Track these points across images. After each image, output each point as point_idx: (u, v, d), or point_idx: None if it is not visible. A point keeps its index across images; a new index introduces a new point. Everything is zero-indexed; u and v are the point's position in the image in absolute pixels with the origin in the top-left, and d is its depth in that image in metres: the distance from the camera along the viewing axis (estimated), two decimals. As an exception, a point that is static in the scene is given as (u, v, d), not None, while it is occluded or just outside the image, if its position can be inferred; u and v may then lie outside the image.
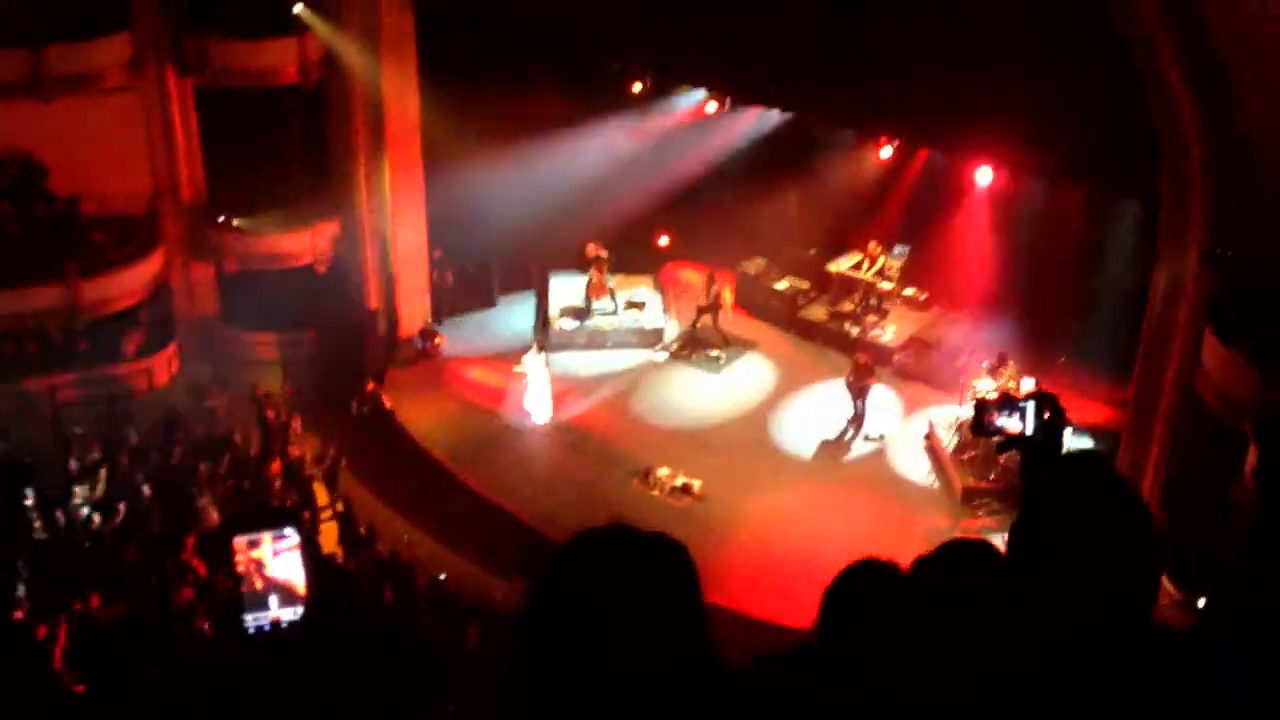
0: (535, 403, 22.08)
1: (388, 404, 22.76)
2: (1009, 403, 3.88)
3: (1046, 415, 3.77)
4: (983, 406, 3.96)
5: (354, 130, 23.41)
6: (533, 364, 21.89)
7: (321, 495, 20.57)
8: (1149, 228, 18.34)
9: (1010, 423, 3.86)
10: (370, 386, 22.89)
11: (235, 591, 3.91)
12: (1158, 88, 16.21)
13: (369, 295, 24.21)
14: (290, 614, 3.89)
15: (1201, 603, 15.94)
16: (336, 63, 22.86)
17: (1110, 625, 2.64)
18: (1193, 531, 15.76)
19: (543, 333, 24.78)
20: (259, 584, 3.86)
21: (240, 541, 3.83)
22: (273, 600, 3.86)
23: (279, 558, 3.84)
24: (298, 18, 22.30)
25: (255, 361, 23.82)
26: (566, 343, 24.55)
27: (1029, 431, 3.82)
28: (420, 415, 22.65)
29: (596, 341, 24.63)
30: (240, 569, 3.85)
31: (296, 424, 21.74)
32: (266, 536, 3.80)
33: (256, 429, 21.39)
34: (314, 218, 23.72)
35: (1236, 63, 15.39)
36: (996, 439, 3.91)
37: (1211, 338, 16.14)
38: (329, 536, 19.14)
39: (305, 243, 23.77)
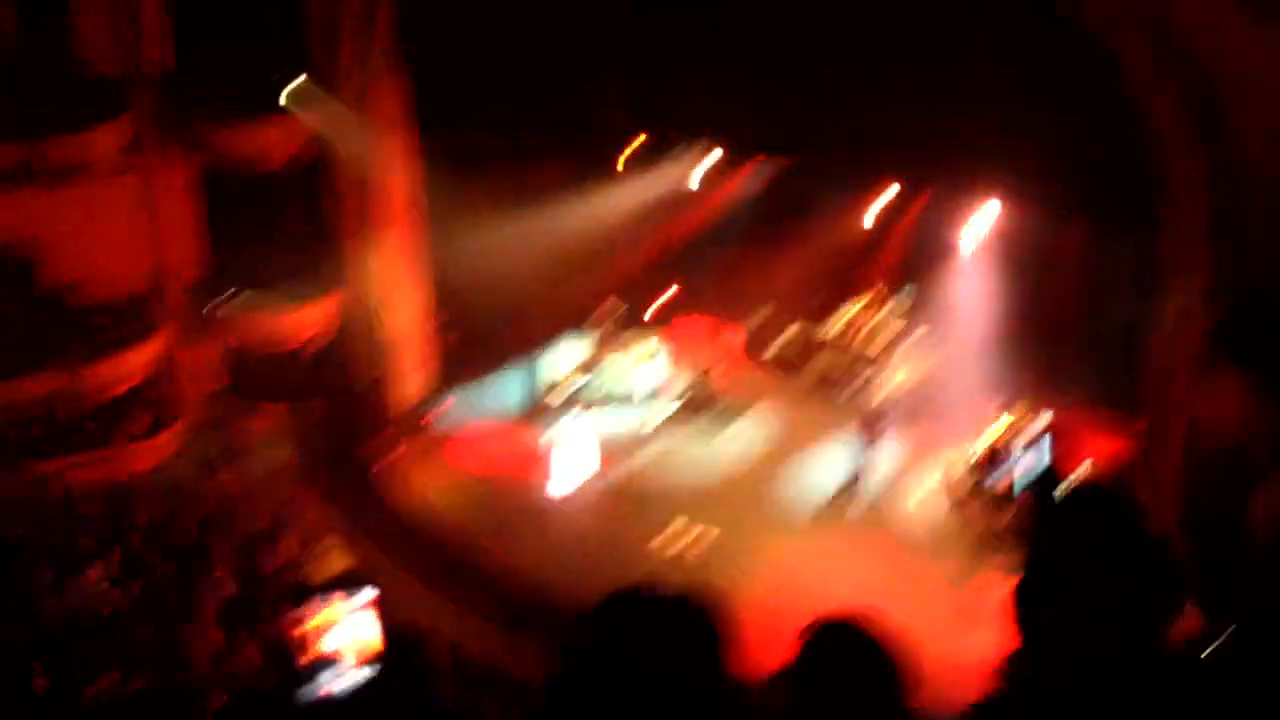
0: (566, 471, 21.78)
1: (395, 459, 22.75)
2: (1018, 445, 3.83)
3: (1054, 453, 3.71)
4: (994, 451, 3.91)
5: (353, 204, 23.53)
6: (565, 430, 21.69)
7: (336, 564, 20.49)
8: (1153, 259, 18.29)
9: (1026, 458, 3.81)
10: (379, 443, 22.98)
11: (297, 658, 3.84)
12: (1156, 127, 16.23)
13: (372, 366, 24.22)
14: (361, 675, 3.82)
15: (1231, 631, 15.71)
16: (333, 140, 22.99)
17: (1131, 658, 2.57)
18: (1216, 560, 15.57)
19: (550, 394, 24.79)
20: (322, 650, 3.80)
21: (308, 609, 3.76)
22: (343, 663, 3.80)
23: (347, 622, 3.78)
24: (295, 95, 22.46)
25: (263, 435, 23.81)
26: (573, 402, 24.53)
27: (1045, 465, 3.77)
28: (427, 482, 22.59)
29: (604, 399, 24.56)
30: (305, 637, 3.78)
31: (304, 494, 21.69)
32: (337, 601, 3.75)
33: (266, 502, 21.35)
34: (315, 293, 23.80)
35: (1234, 101, 15.43)
36: (1019, 477, 3.85)
37: (1222, 369, 16.04)
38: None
39: (307, 318, 23.84)
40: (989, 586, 19.16)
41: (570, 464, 21.67)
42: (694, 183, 26.96)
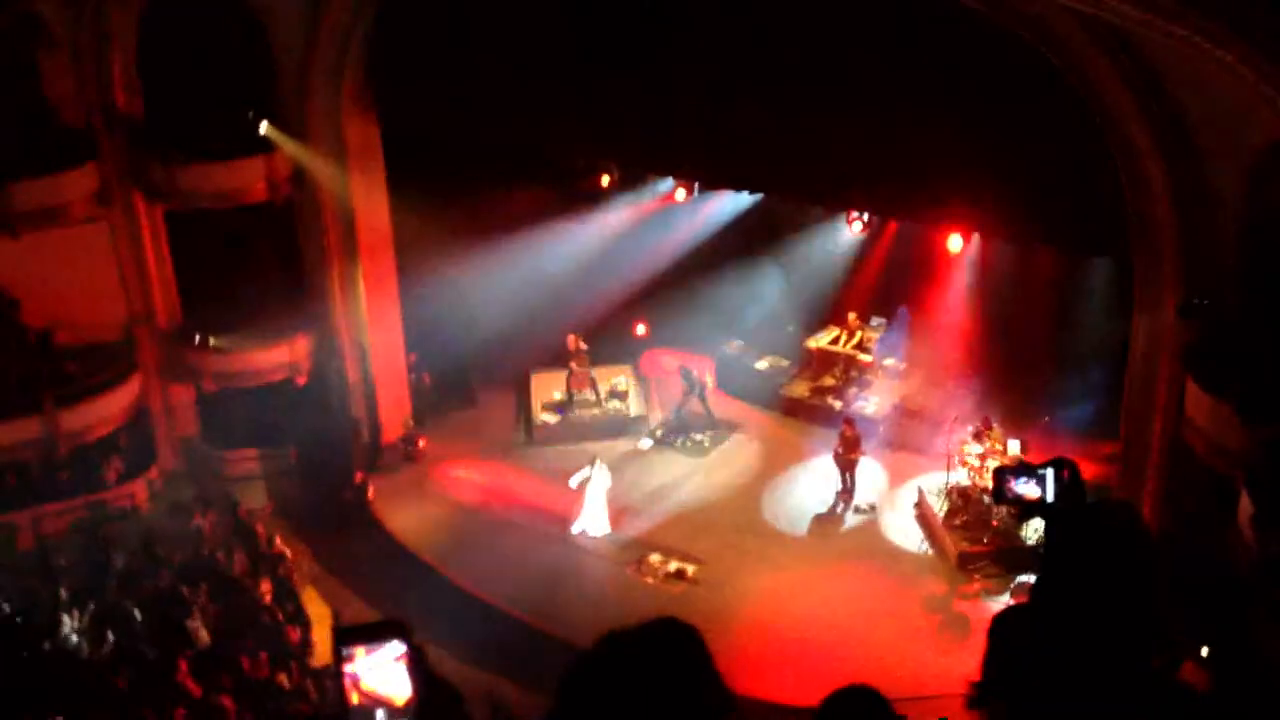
0: (592, 517, 21.61)
1: (371, 495, 22.74)
2: (1027, 469, 3.89)
3: (1066, 479, 3.77)
4: (1001, 474, 3.97)
5: (326, 242, 23.49)
6: (591, 477, 21.52)
7: (313, 607, 20.36)
8: (1124, 283, 18.50)
9: (1029, 489, 3.86)
10: (359, 478, 22.95)
11: (341, 705, 3.82)
12: (1124, 150, 16.45)
13: (349, 404, 24.15)
14: None
15: (1205, 651, 15.85)
16: (305, 177, 23.00)
17: (1145, 679, 2.63)
18: (1192, 581, 15.71)
19: (526, 429, 24.83)
20: (356, 698, 3.78)
21: (348, 655, 3.74)
22: (379, 714, 3.78)
23: (377, 672, 3.75)
24: (264, 137, 22.48)
25: (238, 479, 23.67)
26: (550, 437, 24.56)
27: (1049, 498, 3.82)
28: (407, 518, 22.52)
29: (580, 434, 24.58)
30: (347, 682, 3.76)
31: (280, 540, 21.52)
32: (360, 650, 3.73)
33: (241, 547, 21.18)
34: (290, 331, 23.70)
35: (1201, 123, 15.67)
36: (1016, 507, 3.91)
37: (1194, 388, 16.21)
38: (323, 648, 18.88)
39: (283, 357, 23.71)
40: (966, 609, 19.31)
41: (596, 507, 21.49)
42: (662, 217, 27.08)
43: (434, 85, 21.97)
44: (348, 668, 3.67)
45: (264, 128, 22.35)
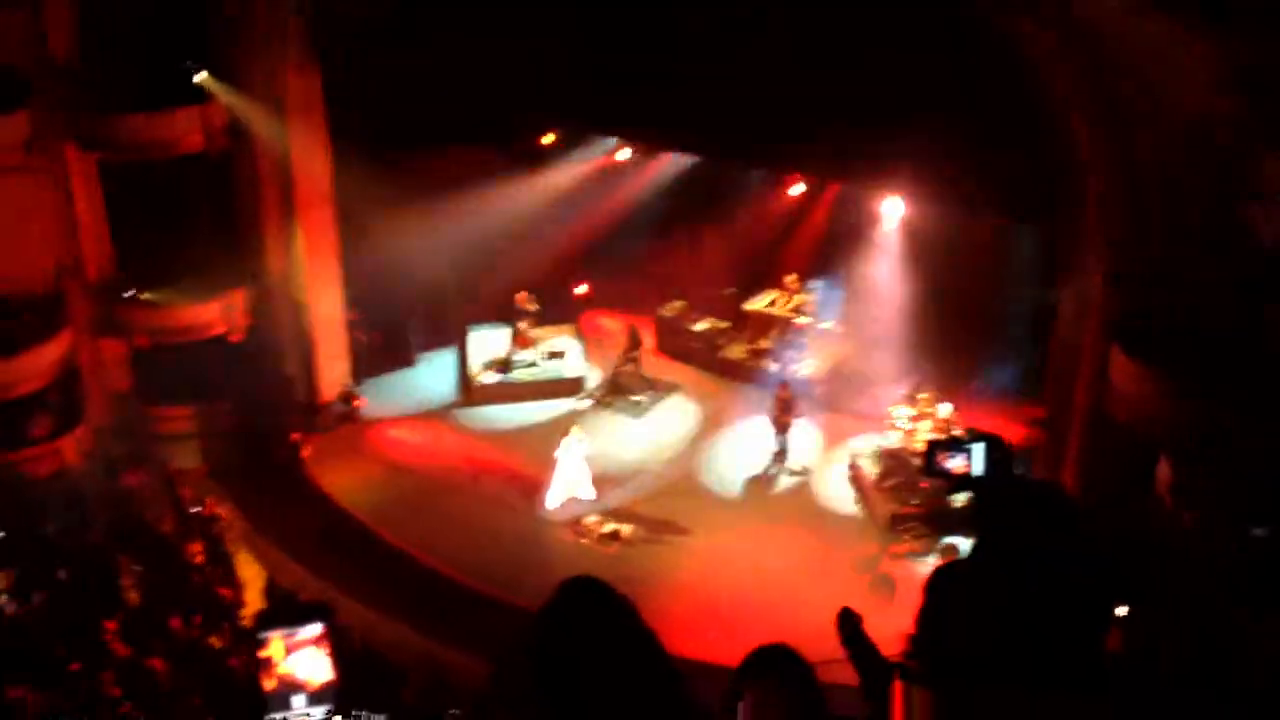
0: (571, 486, 21.23)
1: (306, 454, 22.66)
2: (957, 444, 3.95)
3: (995, 456, 3.83)
4: (932, 449, 4.03)
5: (263, 197, 23.20)
6: (570, 448, 21.18)
7: (246, 569, 20.27)
8: (1055, 252, 18.73)
9: (958, 464, 3.93)
10: (295, 437, 22.85)
11: (257, 690, 3.82)
12: (1055, 118, 16.61)
13: (287, 362, 23.95)
14: (316, 713, 3.79)
15: (1121, 611, 16.19)
16: (242, 130, 22.67)
17: (1073, 657, 2.69)
18: (1109, 544, 16.02)
19: (465, 389, 24.78)
20: (273, 683, 3.77)
21: (267, 635, 3.74)
22: (296, 700, 3.78)
23: (297, 653, 3.75)
24: (200, 86, 22.11)
25: (171, 437, 23.38)
26: (488, 396, 24.54)
27: (977, 472, 3.88)
28: (344, 478, 22.43)
29: (519, 393, 24.59)
30: (265, 663, 3.76)
31: (212, 501, 21.35)
32: (279, 634, 3.72)
33: (172, 507, 20.99)
34: (226, 287, 23.40)
35: (1129, 93, 15.83)
36: (946, 480, 3.97)
37: (1119, 356, 16.48)
38: (255, 608, 18.83)
39: (218, 313, 23.41)
40: (895, 569, 19.58)
41: (566, 482, 21.19)
42: (604, 178, 27.01)
43: (377, 41, 21.69)
44: (263, 652, 3.66)
45: (200, 77, 21.99)
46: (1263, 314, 13.25)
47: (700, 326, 25.72)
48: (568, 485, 21.10)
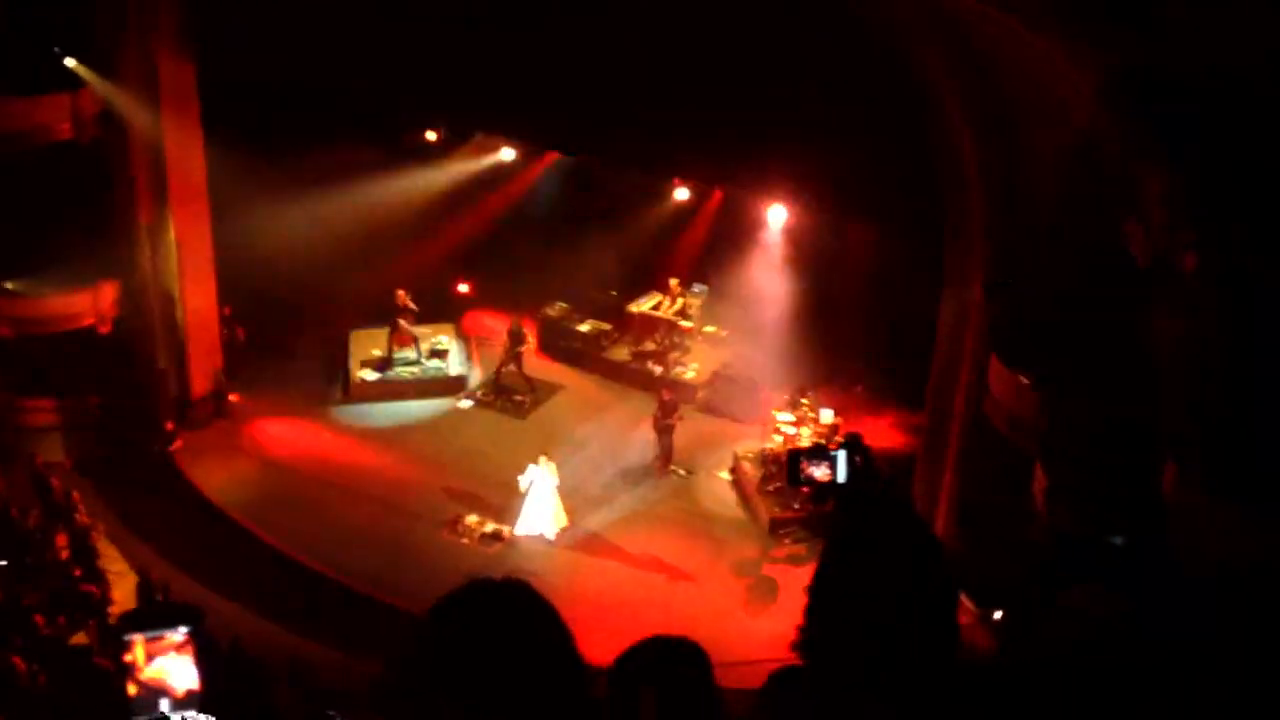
0: (538, 516, 20.33)
1: (177, 448, 22.12)
2: (820, 452, 3.93)
3: (858, 462, 3.83)
4: (795, 457, 4.01)
5: (135, 187, 22.52)
6: (536, 474, 20.28)
7: (112, 564, 19.66)
8: (937, 260, 19.08)
9: (821, 471, 3.91)
10: (166, 430, 22.28)
11: (120, 695, 3.62)
12: (940, 128, 16.90)
13: (157, 355, 23.29)
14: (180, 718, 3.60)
15: (998, 616, 16.54)
16: (114, 118, 21.98)
17: (913, 665, 2.69)
18: (987, 549, 16.38)
19: (344, 386, 24.39)
20: (136, 688, 3.57)
21: (131, 638, 3.54)
22: (163, 704, 3.58)
23: (162, 658, 3.56)
24: (71, 72, 21.37)
25: (36, 429, 22.58)
26: (368, 395, 24.19)
27: (840, 479, 3.87)
28: (216, 474, 21.90)
29: (399, 392, 24.29)
30: (124, 670, 3.56)
31: (78, 495, 20.66)
32: (138, 638, 3.52)
33: (37, 501, 20.28)
34: (95, 278, 22.68)
35: (1014, 104, 16.16)
36: (810, 488, 3.96)
37: (997, 364, 16.82)
38: (124, 607, 18.26)
39: (86, 304, 22.65)
40: (776, 573, 19.77)
41: (546, 506, 20.34)
42: (488, 177, 26.84)
43: (254, 30, 21.21)
44: (126, 656, 3.47)
45: (70, 63, 21.26)
46: (1137, 327, 13.61)
47: (584, 327, 25.67)
48: (536, 516, 20.33)
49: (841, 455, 3.85)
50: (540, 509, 20.20)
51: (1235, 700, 3.46)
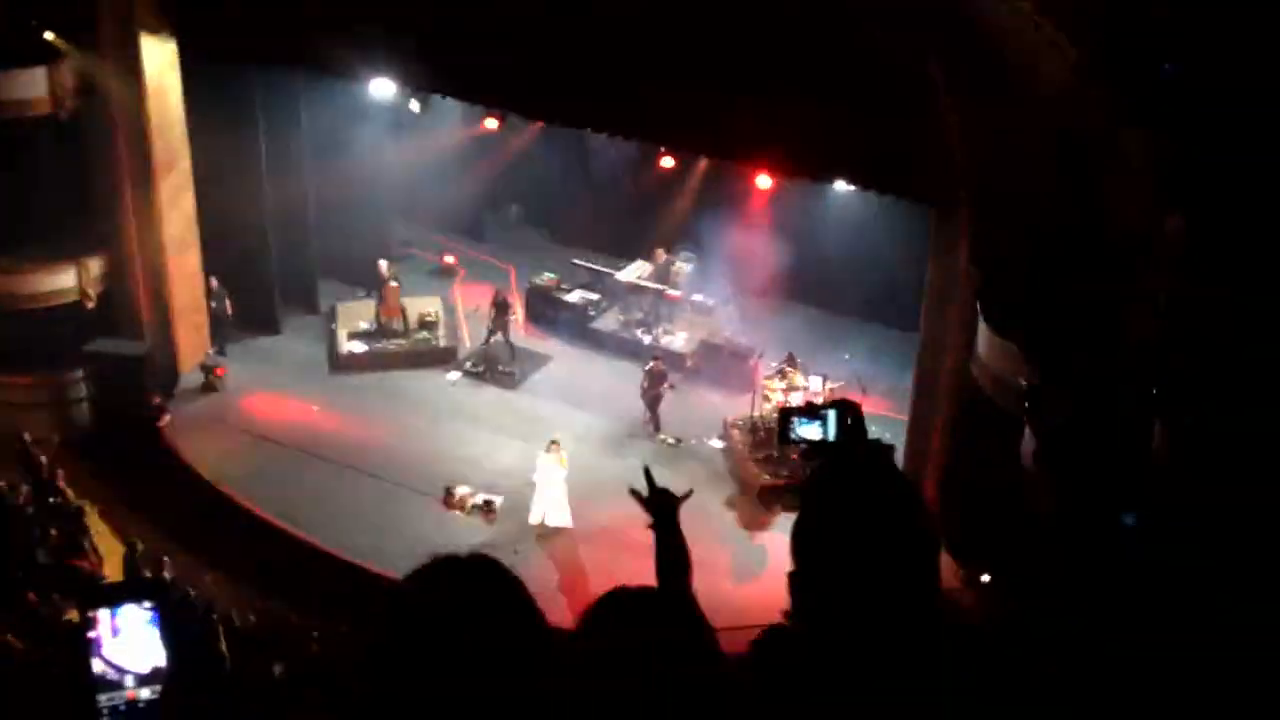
0: (549, 505, 20.05)
1: (165, 423, 22.10)
2: (811, 411, 3.93)
3: (848, 422, 3.83)
4: (786, 415, 4.01)
5: (117, 160, 22.36)
6: (544, 464, 20.09)
7: (104, 541, 19.65)
8: (925, 228, 19.08)
9: (811, 431, 3.92)
10: (154, 406, 22.22)
11: (87, 670, 3.60)
12: (925, 96, 16.86)
13: (144, 329, 23.21)
14: (148, 693, 3.58)
15: (985, 578, 16.66)
16: (95, 91, 21.80)
17: (892, 624, 2.70)
18: (975, 512, 16.48)
19: (332, 358, 24.35)
20: (100, 665, 3.56)
21: (93, 616, 3.52)
22: (128, 679, 3.57)
23: (126, 633, 3.54)
24: (49, 44, 21.18)
25: (23, 405, 22.50)
26: (355, 366, 24.17)
27: (830, 438, 3.87)
28: (207, 448, 21.85)
29: (388, 362, 24.27)
30: (90, 646, 3.55)
31: (63, 470, 20.62)
32: (103, 613, 3.50)
33: (26, 477, 20.23)
34: (79, 252, 22.57)
35: (996, 73, 16.12)
36: (801, 446, 3.96)
37: (984, 328, 16.84)
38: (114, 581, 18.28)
39: (70, 279, 22.55)
40: (766, 540, 19.86)
41: (546, 500, 20.09)
42: (474, 146, 26.68)
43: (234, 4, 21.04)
44: (91, 633, 3.42)
45: (49, 35, 21.06)
46: (1122, 296, 13.65)
47: (572, 297, 25.63)
48: (546, 504, 20.09)
49: (832, 414, 3.85)
50: (550, 498, 19.98)
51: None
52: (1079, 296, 14.63)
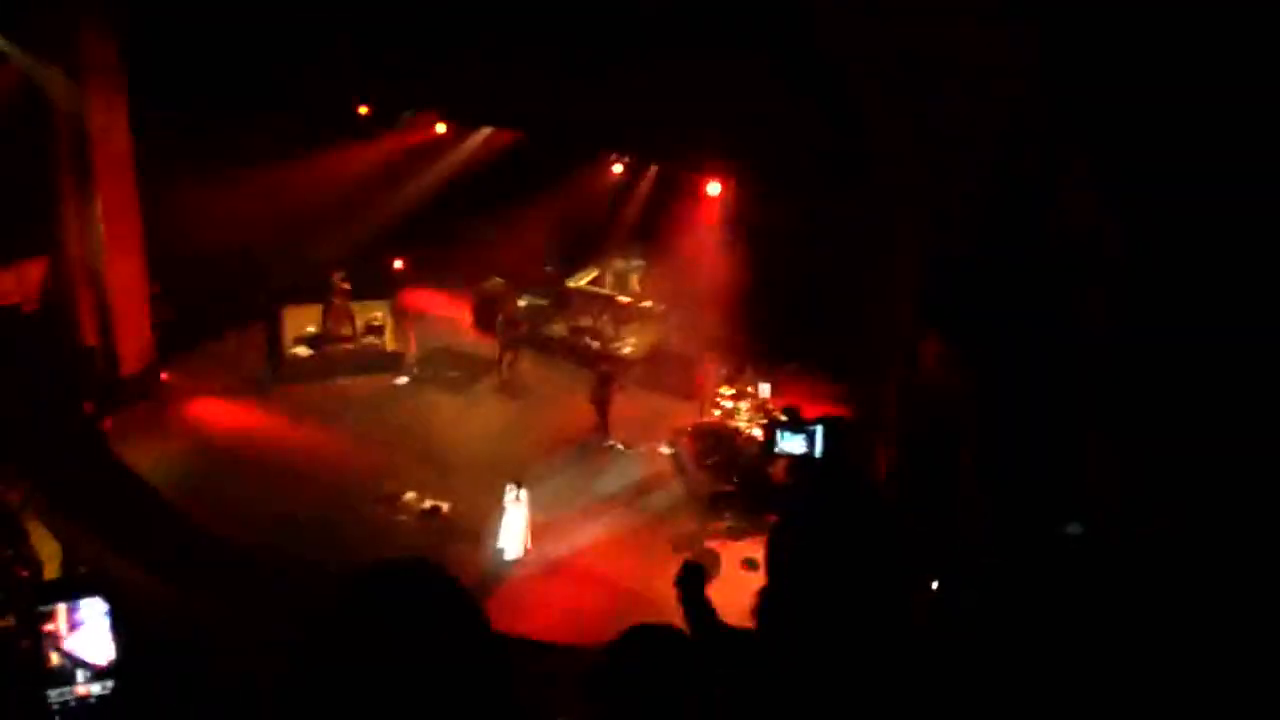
0: (509, 537, 19.54)
1: (107, 427, 21.85)
2: (797, 424, 3.96)
3: (836, 442, 3.85)
4: (772, 429, 4.04)
5: (59, 163, 22.08)
6: (510, 498, 19.58)
7: (43, 545, 19.34)
8: (867, 234, 19.19)
9: (796, 445, 3.94)
10: (91, 410, 21.93)
11: (39, 666, 3.56)
12: (864, 101, 16.96)
13: (84, 334, 22.90)
14: (99, 689, 3.54)
15: (935, 585, 16.73)
16: (35, 92, 21.50)
17: (864, 631, 2.71)
18: (921, 519, 16.55)
19: (276, 364, 24.15)
20: (56, 659, 3.52)
21: (46, 612, 3.48)
22: (79, 675, 3.53)
23: (79, 630, 3.50)
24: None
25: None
26: (301, 373, 23.98)
27: (815, 454, 3.90)
28: (147, 454, 21.57)
29: (334, 369, 24.11)
30: (43, 641, 3.50)
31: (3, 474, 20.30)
32: (62, 608, 3.47)
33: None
34: (18, 256, 22.24)
35: (938, 74, 16.22)
36: (785, 459, 3.98)
37: (927, 338, 16.95)
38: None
39: (10, 283, 22.25)
40: (715, 546, 19.85)
41: (513, 530, 19.57)
42: (422, 152, 26.62)
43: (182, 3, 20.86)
44: (47, 626, 3.43)
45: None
46: (1068, 300, 13.76)
47: (520, 303, 25.58)
48: (506, 533, 19.66)
49: (819, 430, 3.87)
50: (513, 531, 19.64)
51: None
52: (1022, 301, 14.74)
